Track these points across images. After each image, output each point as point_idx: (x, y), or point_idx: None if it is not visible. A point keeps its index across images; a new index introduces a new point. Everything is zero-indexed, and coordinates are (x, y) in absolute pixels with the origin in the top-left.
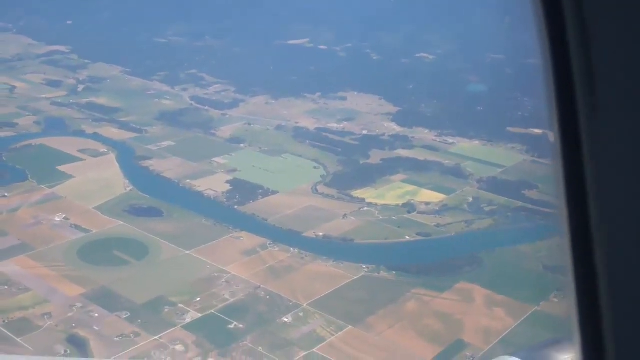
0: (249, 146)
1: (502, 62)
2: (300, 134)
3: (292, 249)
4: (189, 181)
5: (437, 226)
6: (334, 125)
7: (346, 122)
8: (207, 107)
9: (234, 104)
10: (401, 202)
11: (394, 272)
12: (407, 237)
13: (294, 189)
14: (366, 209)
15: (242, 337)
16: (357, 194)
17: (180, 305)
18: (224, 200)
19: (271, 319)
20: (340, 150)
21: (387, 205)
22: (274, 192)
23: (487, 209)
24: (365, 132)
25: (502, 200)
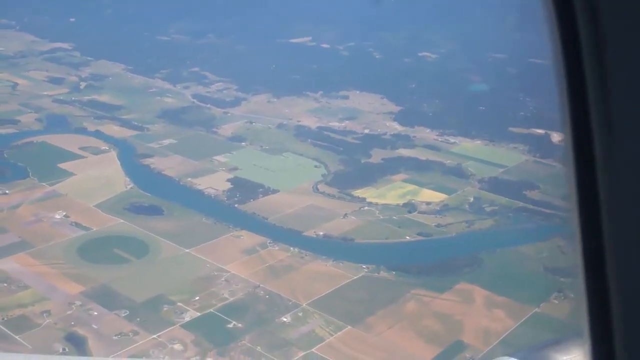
0: (250, 144)
1: (505, 61)
2: (301, 132)
3: (292, 248)
4: (189, 179)
5: (438, 226)
6: (335, 124)
7: (348, 121)
8: (209, 105)
9: (236, 102)
10: (402, 202)
11: (394, 272)
12: (408, 237)
13: (294, 187)
14: (367, 208)
15: (241, 337)
16: (358, 193)
17: (179, 303)
18: (225, 198)
19: (270, 318)
20: (341, 149)
21: (387, 204)
22: (275, 191)
23: (488, 209)
24: (366, 131)
25: (503, 200)
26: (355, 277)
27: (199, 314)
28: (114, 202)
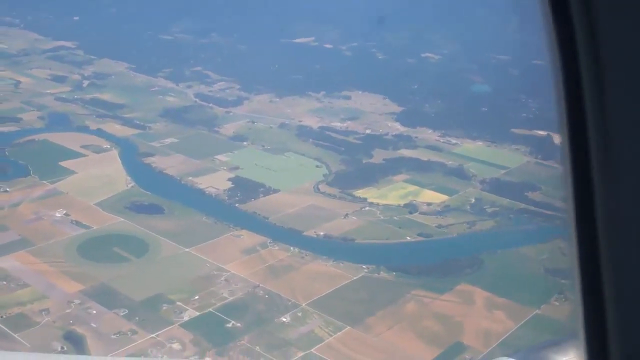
0: (251, 144)
1: (507, 63)
2: (303, 132)
3: (292, 248)
4: (190, 178)
5: (439, 227)
6: (337, 124)
7: (350, 121)
8: (211, 105)
9: (238, 102)
10: (403, 203)
11: (394, 273)
12: (408, 238)
13: (295, 187)
14: (368, 208)
15: (240, 336)
16: (359, 193)
17: (178, 303)
18: (226, 198)
19: (269, 318)
20: (343, 149)
21: (388, 205)
22: (276, 191)
23: (490, 211)
24: (368, 131)
25: (504, 201)
26: (355, 278)
27: (198, 314)
28: (115, 200)
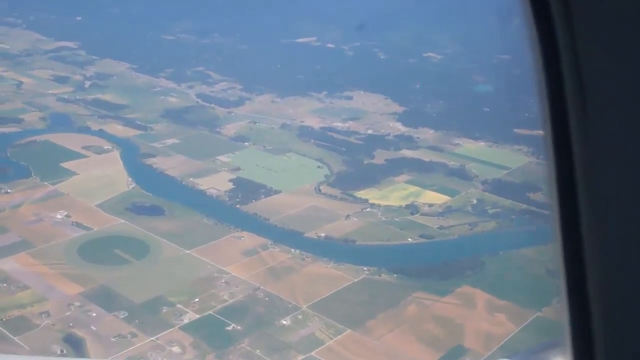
0: (253, 144)
1: (509, 63)
2: (305, 132)
3: (293, 250)
4: (191, 179)
5: (440, 228)
6: (339, 124)
7: (351, 122)
8: (212, 105)
9: (240, 102)
10: (404, 204)
11: (395, 275)
12: (410, 239)
13: (297, 188)
14: (369, 209)
15: (240, 339)
16: (361, 194)
17: (178, 305)
18: (226, 199)
19: (269, 321)
20: (344, 149)
21: (390, 206)
22: (277, 192)
23: (491, 212)
24: (370, 131)
25: (506, 202)
26: (356, 280)
27: (198, 316)
28: (116, 202)
